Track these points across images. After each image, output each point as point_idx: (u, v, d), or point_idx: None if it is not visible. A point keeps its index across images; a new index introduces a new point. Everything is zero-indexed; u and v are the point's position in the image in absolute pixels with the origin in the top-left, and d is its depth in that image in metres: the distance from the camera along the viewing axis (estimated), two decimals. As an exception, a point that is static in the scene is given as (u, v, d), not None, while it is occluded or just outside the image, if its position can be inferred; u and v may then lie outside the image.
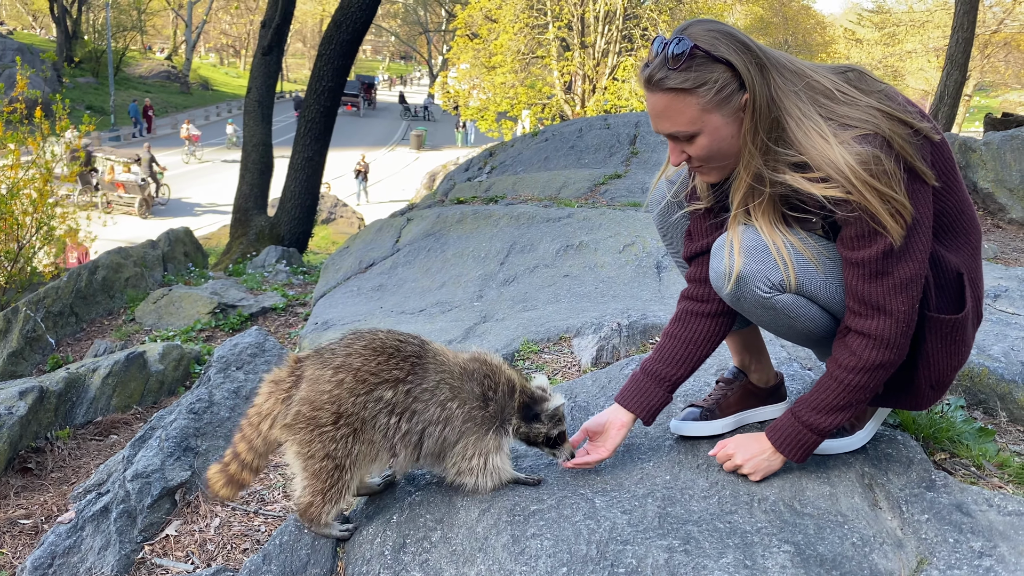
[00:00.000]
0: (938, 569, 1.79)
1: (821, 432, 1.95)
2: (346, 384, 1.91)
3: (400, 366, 1.96)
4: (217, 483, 2.07)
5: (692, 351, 2.12)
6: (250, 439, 2.01)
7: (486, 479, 2.04)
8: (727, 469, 2.09)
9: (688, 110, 1.74)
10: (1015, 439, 2.49)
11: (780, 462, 2.03)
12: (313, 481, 1.96)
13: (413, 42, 71.61)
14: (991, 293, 3.86)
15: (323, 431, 1.91)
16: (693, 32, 1.73)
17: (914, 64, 32.20)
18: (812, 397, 1.95)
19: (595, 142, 9.26)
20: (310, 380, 1.94)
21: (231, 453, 2.06)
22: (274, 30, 11.39)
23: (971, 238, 1.92)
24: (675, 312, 2.18)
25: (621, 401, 2.16)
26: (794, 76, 1.76)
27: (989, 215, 7.61)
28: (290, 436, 1.95)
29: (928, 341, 1.89)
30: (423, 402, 1.97)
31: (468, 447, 2.01)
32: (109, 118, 34.92)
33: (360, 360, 1.94)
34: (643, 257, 4.83)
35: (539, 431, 2.09)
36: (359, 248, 6.38)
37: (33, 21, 56.97)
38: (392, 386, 1.94)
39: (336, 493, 1.97)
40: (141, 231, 17.06)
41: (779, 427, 2.02)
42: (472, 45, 28.10)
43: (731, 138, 1.79)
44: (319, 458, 1.93)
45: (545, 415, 2.08)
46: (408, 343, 2.01)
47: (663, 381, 2.13)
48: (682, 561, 1.77)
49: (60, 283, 6.33)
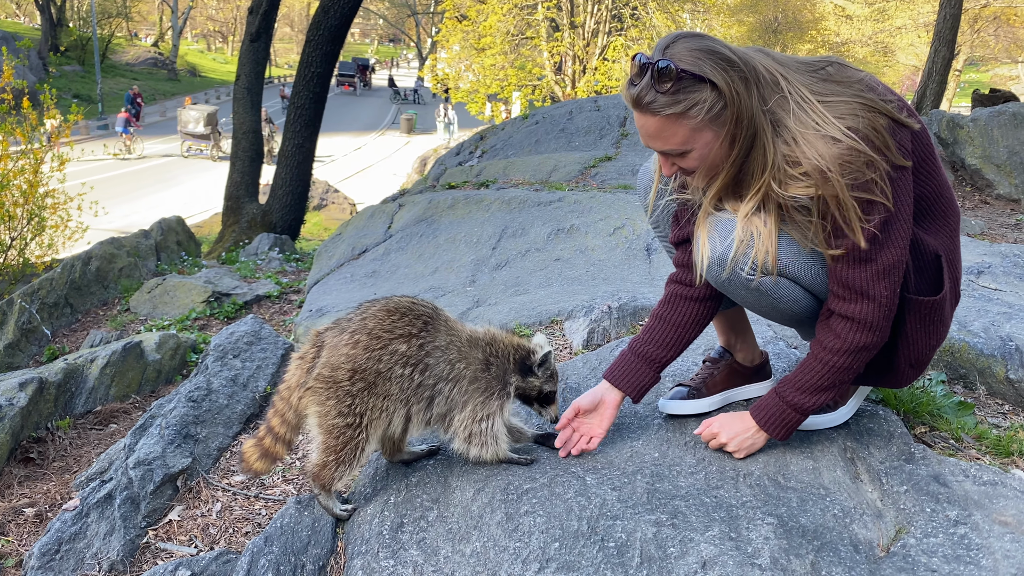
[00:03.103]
0: (915, 537, 1.87)
1: (804, 411, 2.02)
2: (361, 343, 2.02)
3: (413, 323, 2.07)
4: (252, 457, 2.18)
5: (680, 334, 2.19)
6: (282, 412, 2.12)
7: (488, 448, 2.13)
8: (712, 447, 2.16)
9: (680, 132, 1.79)
10: (993, 412, 2.56)
11: (764, 440, 2.11)
12: (328, 439, 2.04)
13: (401, 25, 71.09)
14: (974, 269, 3.93)
15: (340, 387, 2.01)
16: (677, 52, 1.75)
17: (904, 40, 32.10)
18: (796, 377, 2.01)
19: (585, 124, 9.28)
20: (330, 347, 2.05)
21: (265, 428, 2.18)
22: (261, 16, 11.31)
23: (949, 221, 1.98)
24: (664, 294, 2.24)
25: (611, 379, 2.23)
26: (774, 82, 1.80)
27: (977, 191, 7.67)
28: (311, 399, 2.05)
29: (907, 322, 1.96)
30: (435, 357, 2.07)
31: (477, 409, 2.11)
32: (97, 106, 34.64)
33: (375, 321, 2.05)
34: (633, 240, 4.88)
35: (533, 384, 2.19)
36: (351, 234, 6.41)
37: (17, 9, 56.25)
38: (406, 340, 2.04)
39: (350, 452, 2.04)
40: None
41: (763, 406, 2.08)
42: (461, 27, 27.91)
43: (723, 150, 1.84)
44: (334, 415, 2.03)
45: (536, 365, 2.18)
46: (421, 305, 2.13)
47: (653, 362, 2.20)
48: (670, 535, 1.84)
49: (54, 274, 6.34)
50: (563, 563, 1.81)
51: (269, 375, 3.25)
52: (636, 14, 26.57)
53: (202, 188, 23.65)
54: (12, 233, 8.51)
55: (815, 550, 1.81)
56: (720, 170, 1.87)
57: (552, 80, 27.51)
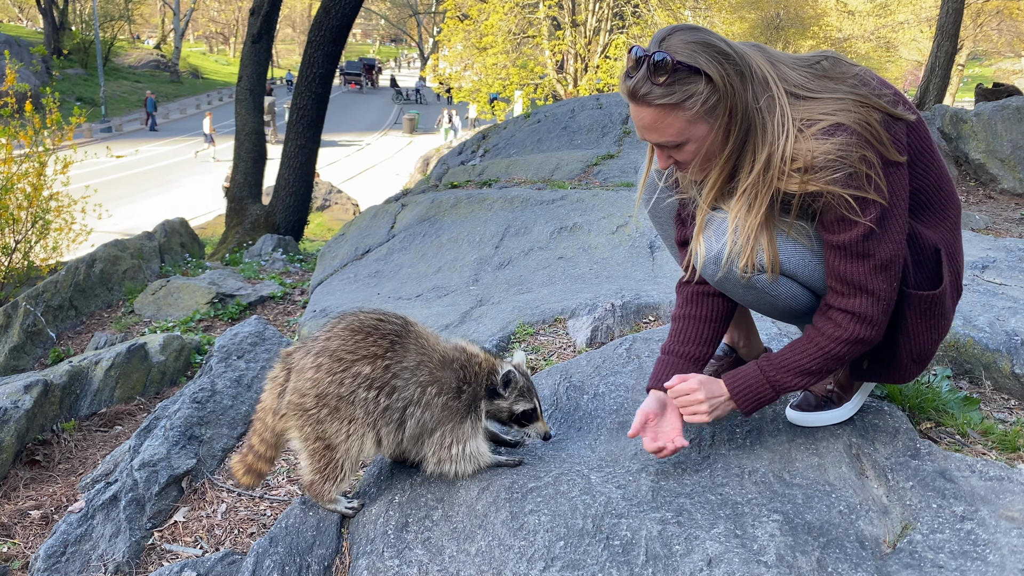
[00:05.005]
0: (921, 533, 1.86)
1: (781, 391, 1.96)
2: (323, 367, 2.01)
3: (378, 343, 2.03)
4: (239, 471, 2.26)
5: (712, 328, 2.14)
6: (260, 433, 2.16)
7: (465, 465, 2.09)
8: (687, 402, 2.01)
9: (675, 123, 1.79)
10: (999, 407, 2.55)
11: (730, 409, 2.01)
12: (311, 461, 2.09)
13: (403, 25, 71.06)
14: (979, 264, 3.92)
15: (308, 414, 2.03)
16: (673, 45, 1.75)
17: (907, 35, 32.03)
18: (784, 357, 1.96)
19: (588, 122, 9.26)
20: (296, 370, 2.06)
21: (247, 446, 2.23)
22: (263, 17, 11.32)
23: (949, 213, 1.97)
24: (681, 297, 2.20)
25: (660, 387, 2.11)
26: (764, 80, 1.79)
27: (981, 186, 7.65)
28: (288, 425, 2.08)
29: (908, 317, 1.95)
30: (403, 380, 2.03)
31: (446, 435, 2.07)
32: (100, 109, 34.71)
33: (338, 342, 2.03)
34: (636, 237, 4.87)
35: (501, 407, 2.13)
36: (355, 235, 6.41)
37: (19, 13, 56.40)
38: (370, 361, 2.00)
39: (332, 471, 2.08)
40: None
41: (740, 375, 2.00)
42: (462, 27, 27.90)
43: (717, 143, 1.83)
44: (312, 440, 2.06)
45: (500, 387, 2.10)
46: (389, 322, 2.08)
47: (696, 360, 2.14)
48: (675, 532, 1.84)
49: (58, 277, 6.36)
50: (568, 561, 1.80)
51: (273, 376, 3.25)
52: (638, 11, 26.53)
53: (206, 189, 23.70)
54: (17, 236, 8.52)
55: (821, 547, 1.80)
56: (714, 164, 1.87)
57: (554, 79, 27.48)
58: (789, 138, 1.77)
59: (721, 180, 1.89)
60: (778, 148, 1.79)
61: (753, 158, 1.82)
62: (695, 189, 2.01)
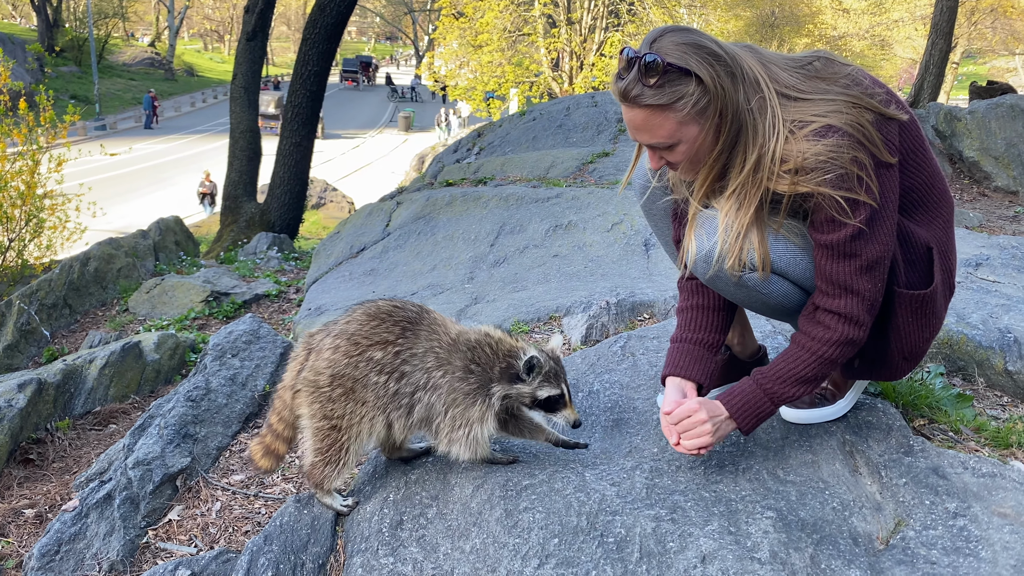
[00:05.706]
0: (914, 530, 1.87)
1: (779, 402, 1.96)
2: (341, 348, 2.06)
3: (391, 330, 2.07)
4: (257, 454, 2.27)
5: (720, 316, 2.12)
6: (279, 411, 2.19)
7: (464, 450, 2.07)
8: (689, 425, 1.97)
9: (667, 124, 1.79)
10: (992, 404, 2.56)
11: (731, 429, 1.99)
12: (315, 441, 2.11)
13: (398, 22, 70.96)
14: (972, 262, 3.93)
15: (321, 392, 2.06)
16: (664, 46, 1.75)
17: (901, 33, 32.09)
18: (777, 368, 1.95)
19: (583, 120, 9.26)
20: (316, 350, 2.11)
21: (266, 426, 2.26)
22: (258, 15, 11.29)
23: (942, 211, 1.98)
24: (685, 290, 2.18)
25: (677, 372, 2.08)
26: (755, 82, 1.79)
27: (975, 183, 7.67)
28: (300, 401, 2.11)
29: (898, 315, 1.95)
30: (411, 365, 2.06)
31: (456, 417, 2.07)
32: (94, 107, 34.60)
33: (356, 326, 2.08)
34: (631, 235, 4.88)
35: (522, 391, 2.05)
36: (350, 233, 6.41)
37: (13, 10, 56.15)
38: (382, 347, 2.05)
39: (335, 454, 2.09)
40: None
41: (737, 393, 1.98)
42: (458, 24, 27.86)
43: (708, 143, 1.83)
44: (319, 418, 2.08)
45: (523, 372, 2.04)
46: (405, 309, 2.12)
47: (710, 346, 2.11)
48: (669, 529, 1.84)
49: (52, 275, 6.34)
50: (562, 559, 1.81)
51: (268, 374, 3.24)
52: (633, 9, 26.53)
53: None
54: (10, 235, 8.50)
55: (814, 543, 1.81)
56: (704, 164, 1.87)
57: (549, 76, 27.48)
58: (780, 139, 1.78)
59: (711, 179, 1.89)
60: (768, 149, 1.79)
61: (743, 158, 1.82)
62: (686, 188, 2.01)
